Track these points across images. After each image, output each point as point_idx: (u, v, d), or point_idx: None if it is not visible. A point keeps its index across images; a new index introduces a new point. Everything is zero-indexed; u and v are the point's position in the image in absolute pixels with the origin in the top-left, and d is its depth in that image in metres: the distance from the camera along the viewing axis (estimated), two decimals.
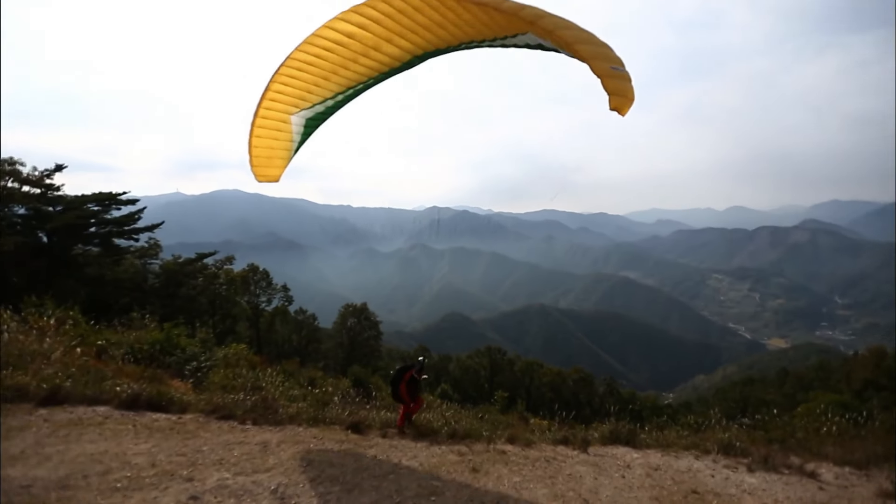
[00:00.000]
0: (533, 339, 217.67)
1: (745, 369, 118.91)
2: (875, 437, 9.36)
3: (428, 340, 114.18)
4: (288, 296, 45.64)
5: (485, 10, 5.30)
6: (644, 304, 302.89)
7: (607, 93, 4.43)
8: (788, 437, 9.62)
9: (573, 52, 4.72)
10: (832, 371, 57.37)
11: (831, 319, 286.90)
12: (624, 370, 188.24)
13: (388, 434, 7.88)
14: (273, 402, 8.95)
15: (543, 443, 8.16)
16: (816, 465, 7.49)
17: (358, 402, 10.82)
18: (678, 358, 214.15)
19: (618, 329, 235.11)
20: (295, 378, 19.16)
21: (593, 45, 4.67)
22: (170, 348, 13.68)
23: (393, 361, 62.20)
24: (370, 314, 50.09)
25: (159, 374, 11.02)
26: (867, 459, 7.71)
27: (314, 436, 7.39)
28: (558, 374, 56.08)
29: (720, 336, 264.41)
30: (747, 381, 68.65)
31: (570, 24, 4.82)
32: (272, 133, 7.31)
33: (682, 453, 8.02)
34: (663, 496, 5.97)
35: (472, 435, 8.04)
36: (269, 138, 7.35)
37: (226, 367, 13.75)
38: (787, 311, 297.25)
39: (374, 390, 15.71)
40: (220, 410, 8.02)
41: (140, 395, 7.93)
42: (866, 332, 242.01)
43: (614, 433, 8.66)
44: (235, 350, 18.67)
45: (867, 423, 10.66)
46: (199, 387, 11.38)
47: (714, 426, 10.40)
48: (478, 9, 5.37)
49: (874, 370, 49.61)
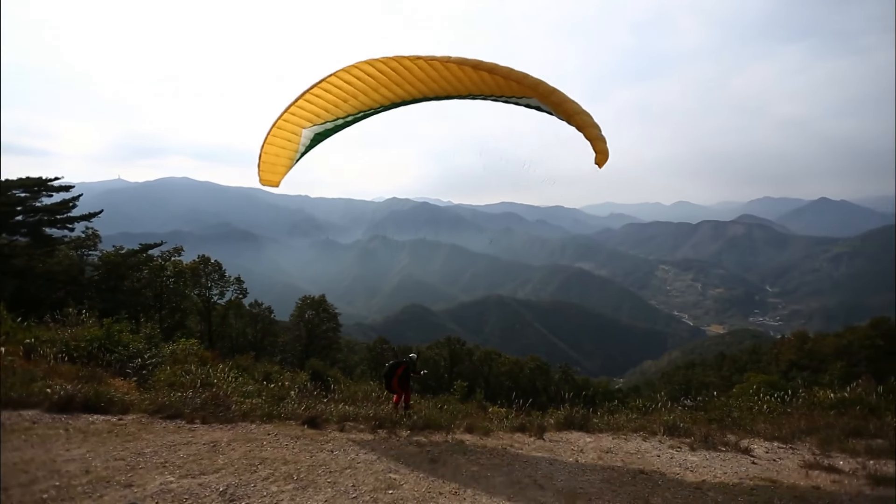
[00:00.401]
0: (492, 330, 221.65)
1: (687, 354, 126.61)
2: (799, 413, 10.26)
3: (388, 332, 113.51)
4: (242, 288, 43.94)
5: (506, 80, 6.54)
6: (597, 294, 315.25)
7: (594, 151, 6.60)
8: (725, 416, 10.32)
9: (571, 120, 6.61)
10: (763, 354, 62.31)
11: (763, 307, 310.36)
12: (578, 357, 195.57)
13: (346, 427, 7.77)
14: (225, 399, 8.61)
15: (501, 431, 8.33)
16: (750, 441, 8.10)
17: (316, 395, 10.57)
18: (629, 344, 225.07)
19: (573, 318, 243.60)
20: (249, 373, 18.50)
21: (585, 115, 6.54)
22: (111, 345, 12.80)
23: (352, 353, 61.58)
24: (329, 306, 49.11)
25: (98, 373, 10.30)
26: (792, 434, 8.43)
27: (268, 432, 7.16)
28: (516, 362, 57.50)
29: (666, 323, 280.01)
30: (690, 365, 73.34)
31: (569, 98, 6.53)
32: (282, 142, 7.96)
33: (631, 435, 8.43)
34: (614, 478, 6.24)
35: (431, 426, 8.07)
36: (279, 147, 8.01)
37: (174, 364, 13.09)
38: (725, 299, 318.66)
39: (332, 383, 15.44)
40: (166, 410, 7.62)
41: (74, 396, 7.38)
42: (792, 318, 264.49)
43: (569, 419, 8.99)
44: (184, 345, 17.81)
45: (792, 400, 11.66)
46: (144, 385, 10.76)
47: (660, 409, 11.01)
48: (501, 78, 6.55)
49: (797, 352, 54.37)
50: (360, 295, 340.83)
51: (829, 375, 38.79)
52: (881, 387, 11.33)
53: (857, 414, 9.60)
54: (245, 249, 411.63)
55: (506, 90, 6.89)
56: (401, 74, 7.06)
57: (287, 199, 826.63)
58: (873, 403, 10.31)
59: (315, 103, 7.46)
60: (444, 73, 6.90)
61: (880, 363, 40.16)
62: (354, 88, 7.38)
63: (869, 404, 10.27)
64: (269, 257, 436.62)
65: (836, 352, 49.18)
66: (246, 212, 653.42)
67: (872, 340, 46.87)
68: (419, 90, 7.43)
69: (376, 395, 11.77)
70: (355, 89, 7.39)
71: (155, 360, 13.09)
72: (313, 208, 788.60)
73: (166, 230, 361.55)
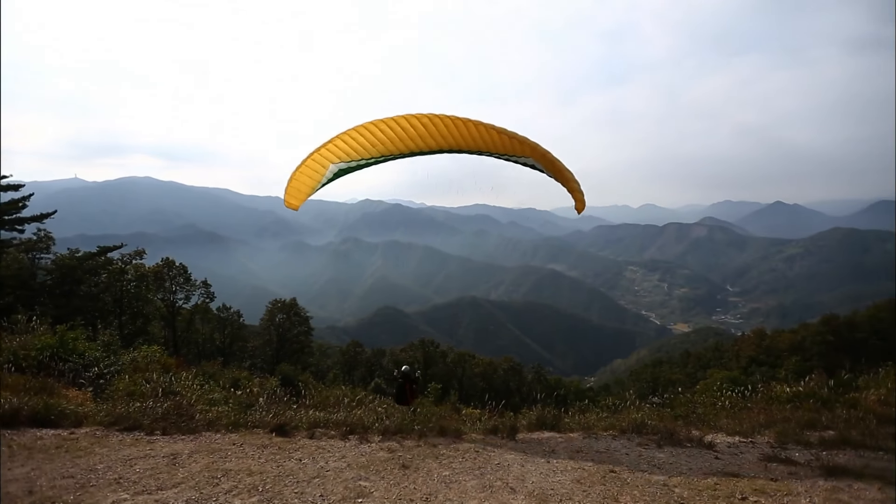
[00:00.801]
0: (465, 331, 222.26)
1: (655, 352, 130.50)
2: (758, 407, 10.70)
3: (361, 335, 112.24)
4: (209, 292, 42.46)
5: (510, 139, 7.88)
6: (569, 295, 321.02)
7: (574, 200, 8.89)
8: (691, 412, 10.65)
9: (558, 175, 8.42)
10: (725, 351, 64.93)
11: (724, 305, 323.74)
12: (551, 357, 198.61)
13: (316, 434, 7.58)
14: (188, 408, 8.28)
15: (474, 433, 8.31)
16: (713, 436, 8.37)
17: (286, 402, 10.29)
18: (599, 344, 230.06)
19: (545, 319, 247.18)
20: (216, 380, 17.85)
21: (569, 172, 8.46)
22: (64, 354, 12.11)
23: (325, 357, 60.51)
24: (300, 309, 48.09)
25: (50, 383, 9.72)
26: (752, 428, 8.77)
27: (233, 442, 6.90)
28: (489, 363, 57.83)
29: (634, 322, 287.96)
30: (657, 363, 75.64)
31: (557, 159, 8.16)
32: (311, 173, 8.92)
33: (601, 434, 8.57)
34: (584, 477, 6.32)
35: (403, 430, 7.98)
36: (307, 176, 8.97)
37: (134, 372, 12.46)
38: (690, 298, 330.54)
39: (303, 388, 15.06)
40: (124, 421, 7.24)
41: (20, 409, 6.91)
42: (751, 316, 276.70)
43: (540, 419, 9.06)
44: (146, 352, 17.02)
45: (752, 395, 12.14)
46: (101, 396, 10.21)
47: (629, 407, 11.25)
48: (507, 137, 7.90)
49: (756, 348, 56.98)
50: (332, 298, 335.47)
51: (784, 370, 40.74)
52: (832, 381, 11.95)
53: (810, 407, 10.08)
54: (212, 252, 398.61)
55: (509, 148, 8.27)
56: (428, 129, 8.33)
57: (256, 201, 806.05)
58: (825, 396, 10.86)
59: (348, 144, 8.60)
60: (462, 131, 8.18)
61: (830, 358, 42.53)
62: (385, 136, 8.50)
63: (821, 397, 10.80)
64: (237, 260, 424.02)
65: (791, 347, 51.81)
66: (212, 213, 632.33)
67: (823, 336, 49.63)
68: (438, 143, 8.71)
69: (348, 401, 11.56)
70: (385, 137, 8.52)
71: (113, 369, 12.47)
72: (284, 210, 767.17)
73: (128, 232, 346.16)
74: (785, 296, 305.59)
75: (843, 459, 6.89)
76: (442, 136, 8.39)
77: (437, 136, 8.40)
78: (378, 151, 8.85)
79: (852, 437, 7.80)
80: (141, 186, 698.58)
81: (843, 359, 33.34)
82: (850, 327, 49.34)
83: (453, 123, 8.06)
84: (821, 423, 8.77)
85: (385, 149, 8.77)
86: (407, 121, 8.22)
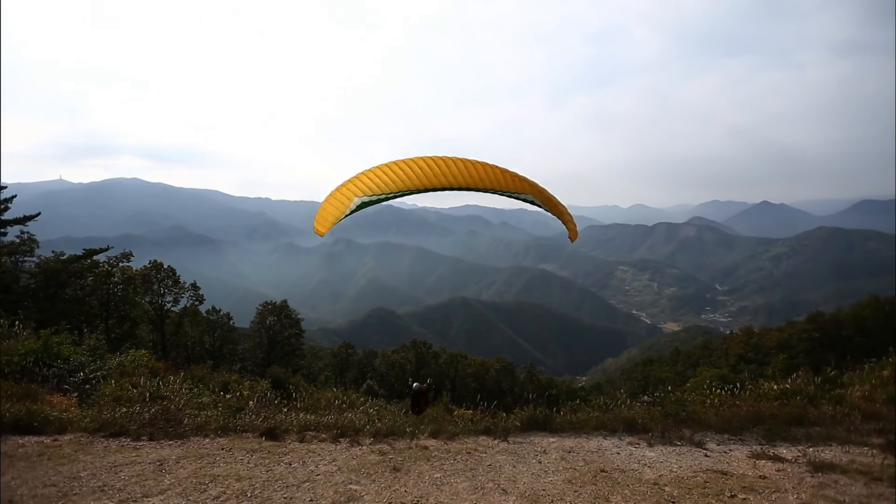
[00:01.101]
0: (457, 332, 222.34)
1: (645, 351, 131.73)
2: (746, 405, 10.80)
3: (353, 336, 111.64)
4: (198, 294, 41.93)
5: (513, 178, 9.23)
6: (560, 295, 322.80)
7: (568, 230, 10.16)
8: (680, 410, 10.71)
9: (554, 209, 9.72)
10: (714, 349, 65.74)
11: (713, 304, 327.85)
12: (543, 357, 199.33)
13: (307, 438, 7.51)
14: (176, 413, 8.15)
15: (466, 434, 8.29)
16: (703, 434, 8.43)
17: (276, 405, 10.18)
18: (590, 343, 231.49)
19: (537, 319, 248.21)
20: (205, 384, 17.63)
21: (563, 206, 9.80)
22: (49, 359, 11.87)
23: (316, 360, 60.16)
24: (291, 311, 47.71)
25: (33, 389, 9.52)
26: (741, 426, 8.85)
27: (222, 447, 6.81)
28: (482, 364, 57.88)
29: (625, 322, 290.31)
30: (647, 362, 76.29)
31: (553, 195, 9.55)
32: (337, 203, 9.73)
33: (592, 434, 8.59)
34: (576, 478, 6.33)
35: (395, 432, 7.93)
36: (334, 206, 9.76)
37: (120, 377, 12.26)
38: (679, 297, 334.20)
39: (294, 391, 14.93)
40: (109, 427, 7.11)
41: (1, 416, 6.75)
42: (739, 314, 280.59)
43: (532, 419, 9.06)
44: (133, 356, 16.76)
45: (740, 392, 12.27)
46: (86, 401, 10.01)
47: (620, 405, 11.30)
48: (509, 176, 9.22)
49: (744, 346, 57.79)
50: (324, 299, 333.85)
51: (772, 368, 41.33)
52: (818, 377, 12.12)
53: (797, 404, 10.21)
54: (202, 254, 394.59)
55: (511, 186, 9.42)
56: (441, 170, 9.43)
57: (246, 202, 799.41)
58: (811, 393, 11.01)
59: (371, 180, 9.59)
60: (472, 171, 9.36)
61: (816, 355, 43.25)
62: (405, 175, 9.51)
63: (808, 394, 10.95)
64: (227, 262, 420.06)
65: (779, 345, 52.61)
66: (202, 215, 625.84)
67: (809, 334, 50.47)
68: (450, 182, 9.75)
69: (339, 403, 11.48)
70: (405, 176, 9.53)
71: (99, 374, 12.24)
72: (274, 211, 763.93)
73: (115, 234, 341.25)
74: (772, 294, 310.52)
75: (830, 455, 6.99)
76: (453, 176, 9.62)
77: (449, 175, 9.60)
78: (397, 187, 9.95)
79: (838, 434, 7.92)
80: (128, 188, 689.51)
81: (829, 356, 33.88)
82: (836, 325, 50.23)
83: (464, 165, 9.47)
84: (808, 419, 8.89)
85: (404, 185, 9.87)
86: (425, 162, 9.49)
